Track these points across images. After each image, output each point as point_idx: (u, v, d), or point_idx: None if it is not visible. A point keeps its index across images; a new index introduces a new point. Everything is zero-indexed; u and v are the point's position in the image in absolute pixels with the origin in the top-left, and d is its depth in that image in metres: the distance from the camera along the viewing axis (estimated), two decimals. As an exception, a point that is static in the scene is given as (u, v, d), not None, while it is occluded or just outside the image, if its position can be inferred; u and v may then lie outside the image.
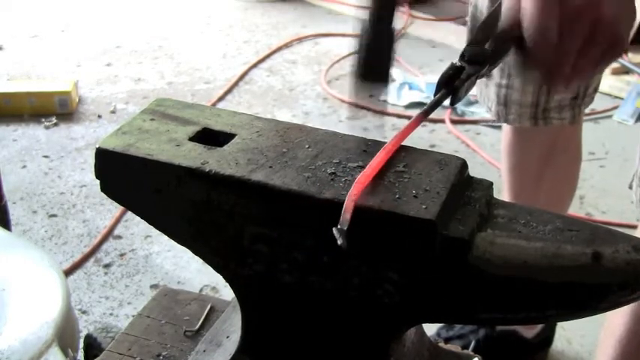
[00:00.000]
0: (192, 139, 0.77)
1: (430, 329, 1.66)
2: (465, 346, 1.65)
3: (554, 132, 1.51)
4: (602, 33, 0.82)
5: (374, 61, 0.89)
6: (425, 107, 0.77)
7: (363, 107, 3.01)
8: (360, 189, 0.65)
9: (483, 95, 1.51)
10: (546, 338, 1.79)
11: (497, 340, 1.70)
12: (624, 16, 0.84)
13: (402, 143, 0.74)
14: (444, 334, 1.72)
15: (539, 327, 1.74)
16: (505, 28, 0.84)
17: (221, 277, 0.77)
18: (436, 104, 0.77)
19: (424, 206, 0.66)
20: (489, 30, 0.83)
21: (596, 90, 1.48)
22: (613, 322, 1.28)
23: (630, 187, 1.21)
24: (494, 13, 0.85)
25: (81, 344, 1.24)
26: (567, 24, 0.80)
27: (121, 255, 2.10)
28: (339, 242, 0.61)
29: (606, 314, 1.22)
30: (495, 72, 1.43)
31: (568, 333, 1.88)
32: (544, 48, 0.81)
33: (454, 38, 3.63)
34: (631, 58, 3.18)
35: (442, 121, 2.91)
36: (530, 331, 1.74)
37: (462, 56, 0.80)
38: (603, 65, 0.89)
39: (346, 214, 0.63)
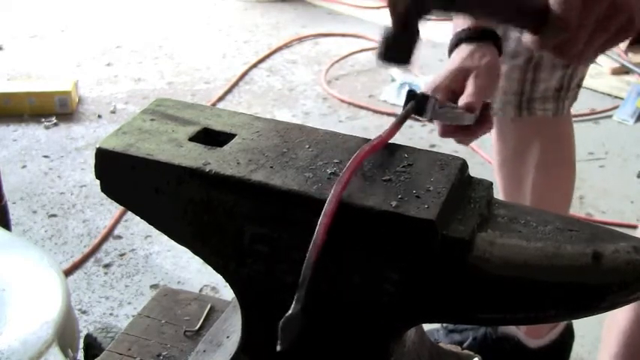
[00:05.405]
0: (192, 139, 0.77)
1: (430, 325, 1.65)
2: (462, 341, 1.64)
3: (536, 126, 1.50)
4: (616, 15, 0.93)
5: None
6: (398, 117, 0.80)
7: (363, 107, 3.01)
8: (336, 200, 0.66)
9: None
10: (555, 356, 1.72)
11: (495, 342, 1.68)
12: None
13: (404, 143, 0.74)
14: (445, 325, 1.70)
15: (545, 339, 1.68)
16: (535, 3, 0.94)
17: (221, 277, 0.77)
18: (407, 114, 0.81)
19: (425, 206, 0.66)
20: None
21: (579, 85, 1.48)
22: (616, 316, 1.28)
23: None
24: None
25: (81, 344, 1.24)
26: (589, 2, 0.92)
27: (121, 255, 2.10)
28: None
29: (608, 309, 1.22)
30: None
31: (568, 333, 1.88)
32: (568, 17, 0.91)
33: (454, 38, 3.62)
34: (631, 58, 3.18)
35: (442, 121, 2.90)
36: (534, 341, 1.68)
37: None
38: (612, 44, 0.99)
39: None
